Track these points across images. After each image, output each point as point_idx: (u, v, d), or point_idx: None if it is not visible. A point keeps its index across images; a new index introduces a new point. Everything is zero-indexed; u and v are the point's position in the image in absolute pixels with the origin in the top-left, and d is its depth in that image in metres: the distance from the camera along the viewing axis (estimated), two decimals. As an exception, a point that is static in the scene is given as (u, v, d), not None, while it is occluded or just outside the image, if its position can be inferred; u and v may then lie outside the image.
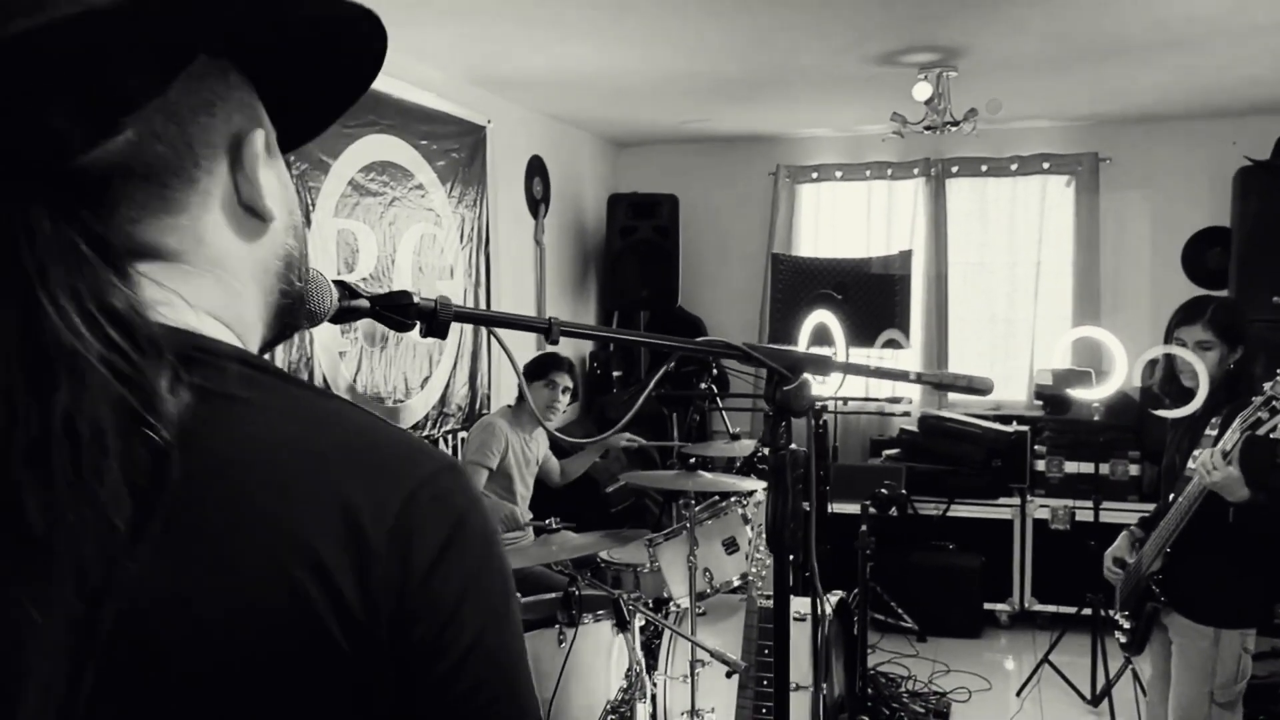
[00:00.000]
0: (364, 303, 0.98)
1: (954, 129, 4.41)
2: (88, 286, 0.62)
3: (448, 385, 4.56)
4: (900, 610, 5.23)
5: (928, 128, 4.41)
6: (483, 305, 4.87)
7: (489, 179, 4.94)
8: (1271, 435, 2.54)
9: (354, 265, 3.91)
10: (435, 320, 1.03)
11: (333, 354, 3.76)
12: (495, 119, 4.96)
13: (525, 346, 4.81)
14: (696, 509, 3.51)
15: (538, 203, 5.53)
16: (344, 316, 0.97)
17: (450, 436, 4.49)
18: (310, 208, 3.64)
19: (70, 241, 0.62)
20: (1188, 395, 2.83)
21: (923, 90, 4.21)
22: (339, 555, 0.64)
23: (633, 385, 6.05)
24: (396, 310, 1.00)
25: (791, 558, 3.75)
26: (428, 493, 0.68)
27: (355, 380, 3.90)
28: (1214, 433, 2.74)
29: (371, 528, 0.65)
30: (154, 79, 0.66)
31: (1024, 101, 5.21)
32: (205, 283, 0.71)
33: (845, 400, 4.18)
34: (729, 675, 2.82)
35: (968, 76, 4.41)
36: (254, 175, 0.72)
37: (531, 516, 4.11)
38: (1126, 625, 3.01)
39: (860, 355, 5.15)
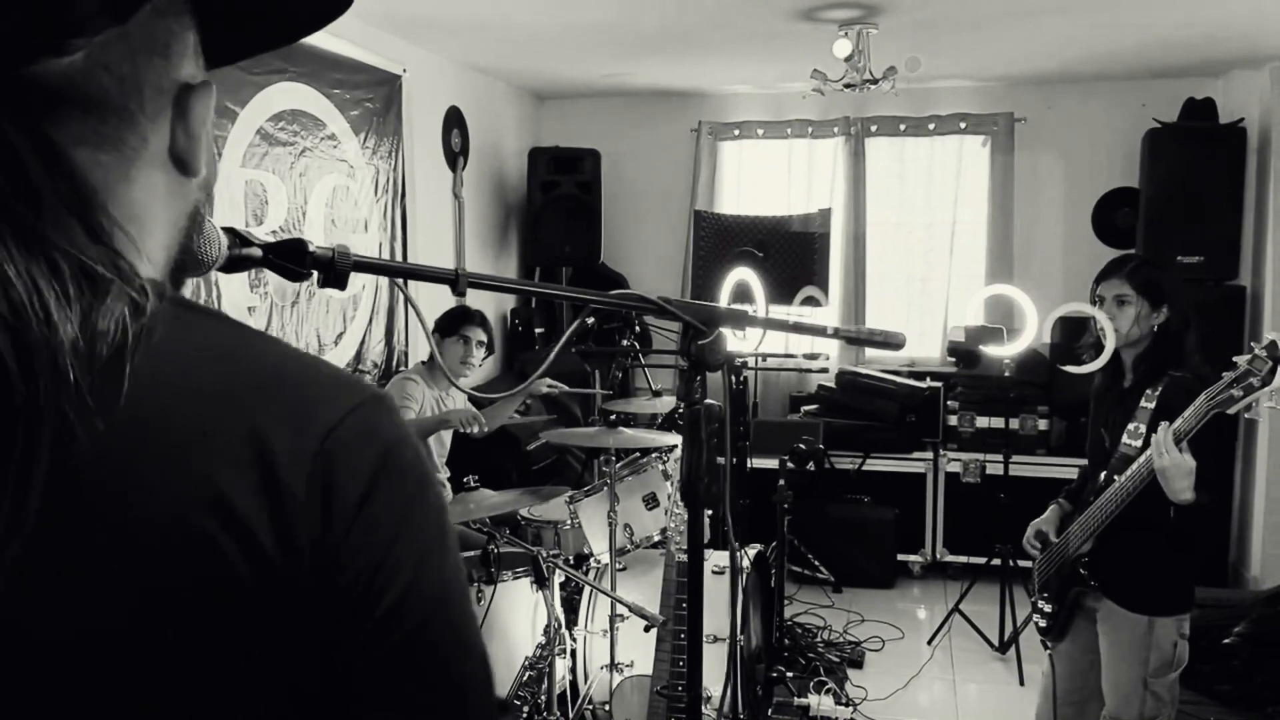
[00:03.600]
0: (256, 251, 0.93)
1: (873, 87, 4.42)
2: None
3: (363, 342, 4.47)
4: (817, 562, 5.33)
5: (847, 85, 4.42)
6: (399, 260, 4.77)
7: (405, 130, 4.82)
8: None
9: (263, 217, 3.78)
10: (333, 270, 0.99)
11: (241, 309, 3.65)
12: (411, 68, 4.83)
13: (442, 302, 4.73)
14: (617, 465, 3.51)
15: (456, 155, 5.41)
16: (235, 265, 0.92)
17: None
18: (217, 156, 3.50)
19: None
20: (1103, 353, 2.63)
21: (843, 47, 4.20)
22: (251, 498, 0.61)
23: (554, 342, 6.00)
24: (291, 258, 0.96)
25: (709, 512, 3.78)
26: (351, 427, 0.66)
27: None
28: (1150, 405, 2.54)
29: (288, 468, 0.62)
30: (115, 7, 0.62)
31: (943, 61, 5.25)
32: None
33: (764, 357, 4.20)
34: (647, 629, 2.83)
35: (888, 34, 4.41)
36: (197, 131, 0.70)
37: (449, 474, 4.07)
38: (1047, 609, 2.80)
39: (780, 312, 5.19)
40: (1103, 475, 2.64)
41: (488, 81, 5.83)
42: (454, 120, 5.40)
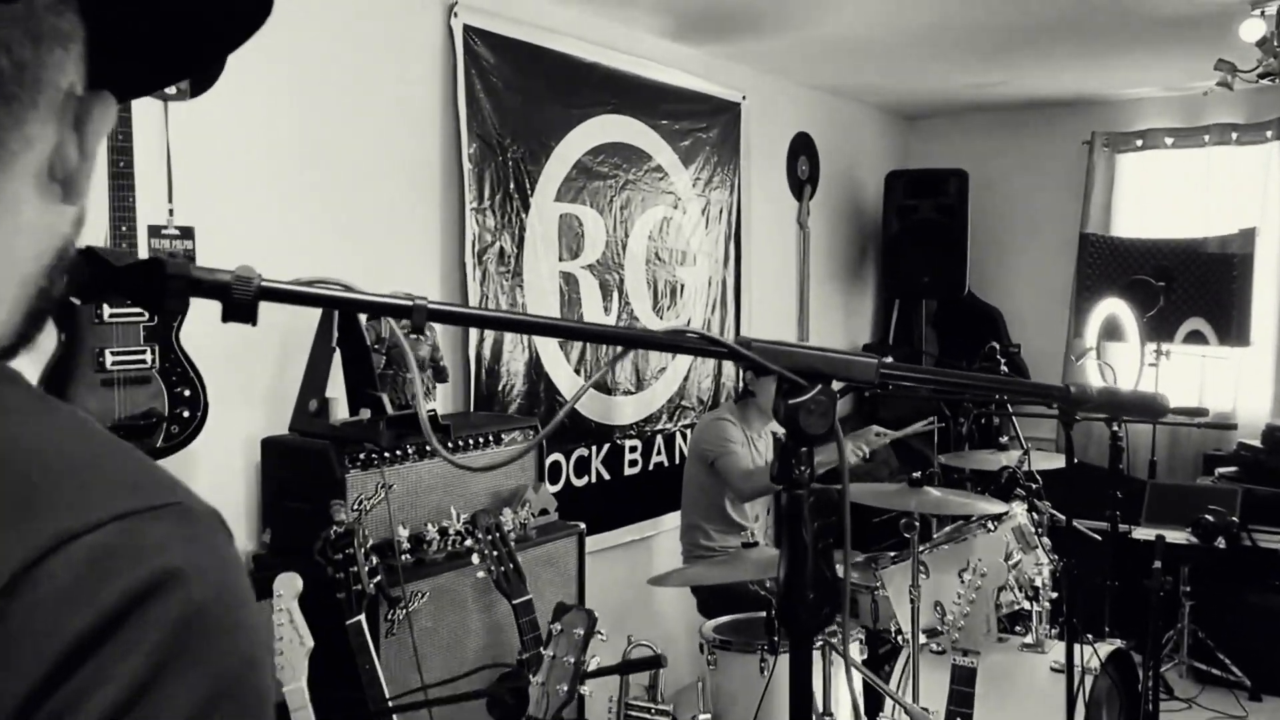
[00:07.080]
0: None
1: (1301, 74, 3.52)
2: None
3: (686, 378, 4.31)
4: (1227, 660, 4.39)
5: (1263, 75, 3.56)
6: (731, 293, 4.57)
7: (743, 159, 4.62)
8: None
9: (578, 250, 3.75)
10: (230, 299, 0.77)
11: (552, 344, 3.63)
12: (752, 94, 4.64)
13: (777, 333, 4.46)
14: (946, 530, 3.04)
15: (802, 183, 5.13)
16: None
17: (687, 431, 4.23)
18: (529, 191, 3.52)
19: None
20: None
21: (1253, 29, 3.39)
22: None
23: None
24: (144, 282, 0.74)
25: (1053, 601, 3.12)
26: (102, 541, 0.46)
27: (579, 370, 3.75)
28: None
29: None
30: None
31: None
32: None
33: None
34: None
35: (1323, 6, 3.51)
36: (93, 149, 0.59)
37: (758, 523, 3.77)
38: None
39: (1177, 352, 4.32)
40: None
41: (841, 103, 5.49)
42: (801, 146, 5.13)
